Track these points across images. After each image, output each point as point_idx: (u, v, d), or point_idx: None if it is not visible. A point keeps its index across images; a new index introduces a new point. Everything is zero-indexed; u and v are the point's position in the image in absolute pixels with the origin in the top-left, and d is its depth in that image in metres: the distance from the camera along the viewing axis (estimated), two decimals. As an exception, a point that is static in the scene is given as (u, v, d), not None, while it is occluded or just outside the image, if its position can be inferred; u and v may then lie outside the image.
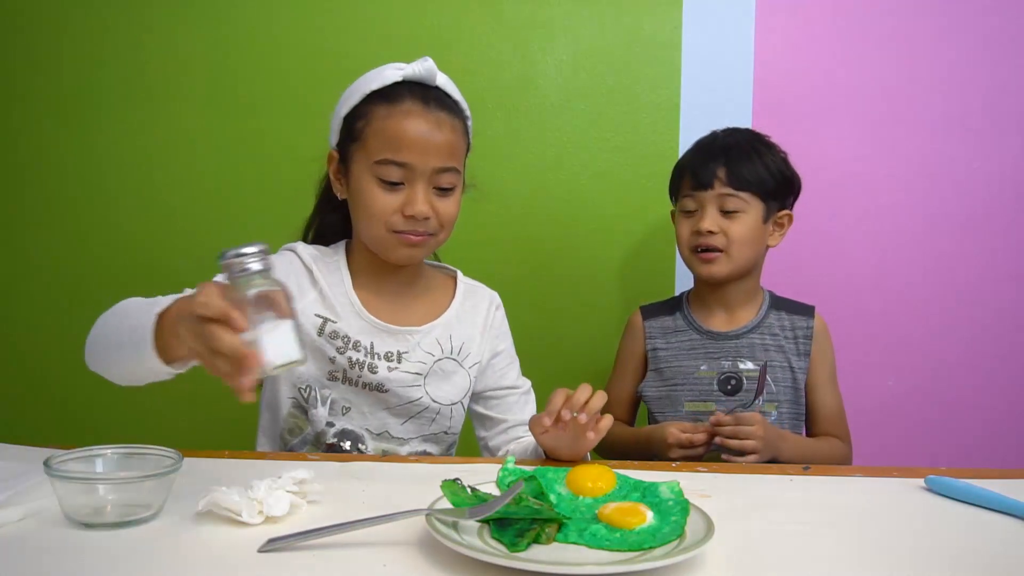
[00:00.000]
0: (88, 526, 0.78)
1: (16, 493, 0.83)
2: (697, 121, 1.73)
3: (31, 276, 1.83)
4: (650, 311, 1.56)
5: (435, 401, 1.22)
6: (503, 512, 0.77)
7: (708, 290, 1.51)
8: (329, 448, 1.18)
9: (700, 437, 1.30)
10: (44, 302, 1.83)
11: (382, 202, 1.15)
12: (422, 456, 1.21)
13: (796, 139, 1.51)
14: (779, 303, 1.52)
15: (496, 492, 0.85)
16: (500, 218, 1.76)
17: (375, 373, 1.18)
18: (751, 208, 1.43)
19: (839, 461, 1.43)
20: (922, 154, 1.75)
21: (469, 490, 0.83)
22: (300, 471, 0.86)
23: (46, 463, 0.79)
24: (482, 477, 0.90)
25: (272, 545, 0.73)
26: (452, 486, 0.83)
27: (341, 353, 1.18)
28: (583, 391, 1.01)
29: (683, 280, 1.76)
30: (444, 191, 1.17)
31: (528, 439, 1.22)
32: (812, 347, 1.48)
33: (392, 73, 1.17)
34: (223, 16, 1.76)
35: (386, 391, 1.19)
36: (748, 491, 0.96)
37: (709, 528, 0.75)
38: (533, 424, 1.05)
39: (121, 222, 1.81)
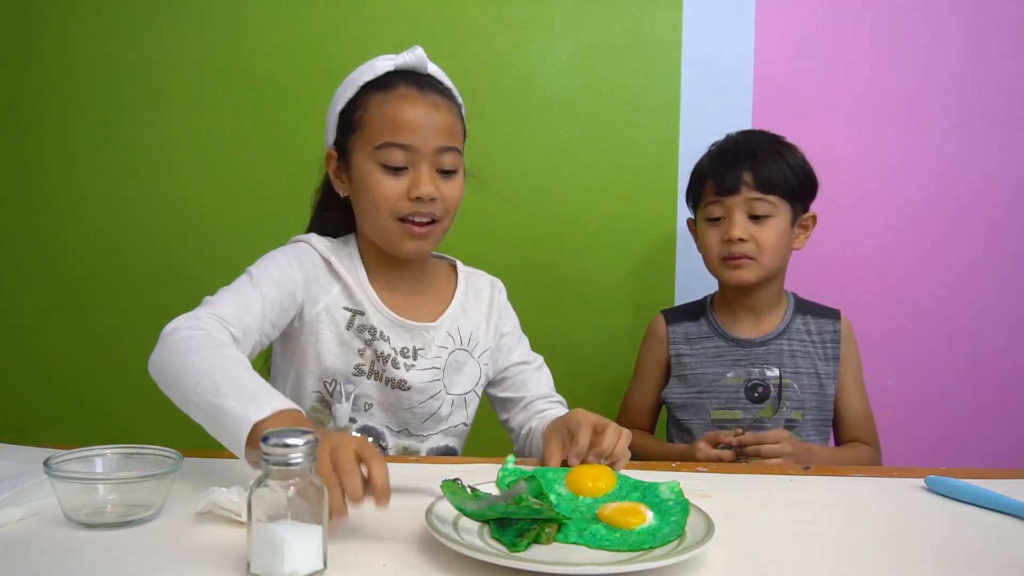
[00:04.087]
0: (88, 526, 0.78)
1: (16, 493, 0.83)
2: (697, 121, 1.73)
3: (34, 275, 1.83)
4: (673, 316, 1.52)
5: (451, 394, 1.22)
6: (503, 512, 0.78)
7: (734, 295, 1.47)
8: None
9: (728, 454, 1.27)
10: (47, 302, 1.83)
11: (387, 187, 1.13)
12: (438, 455, 1.22)
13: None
14: (804, 307, 1.49)
15: (496, 492, 0.85)
16: (498, 218, 1.76)
17: (397, 369, 1.18)
18: (779, 212, 1.39)
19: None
20: (922, 154, 1.75)
21: (469, 490, 0.83)
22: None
23: (46, 463, 0.79)
24: (482, 477, 0.90)
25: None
26: (452, 486, 0.83)
27: (369, 346, 1.17)
28: (610, 436, 0.98)
29: (683, 280, 1.76)
30: (447, 173, 1.16)
31: (551, 412, 1.22)
32: (841, 350, 1.45)
33: (384, 63, 1.17)
34: (230, 16, 1.76)
35: (408, 388, 1.19)
36: (748, 491, 0.96)
37: (709, 528, 0.75)
38: (552, 444, 1.02)
39: (127, 221, 1.81)
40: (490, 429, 1.35)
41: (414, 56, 1.17)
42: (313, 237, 1.22)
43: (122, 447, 0.86)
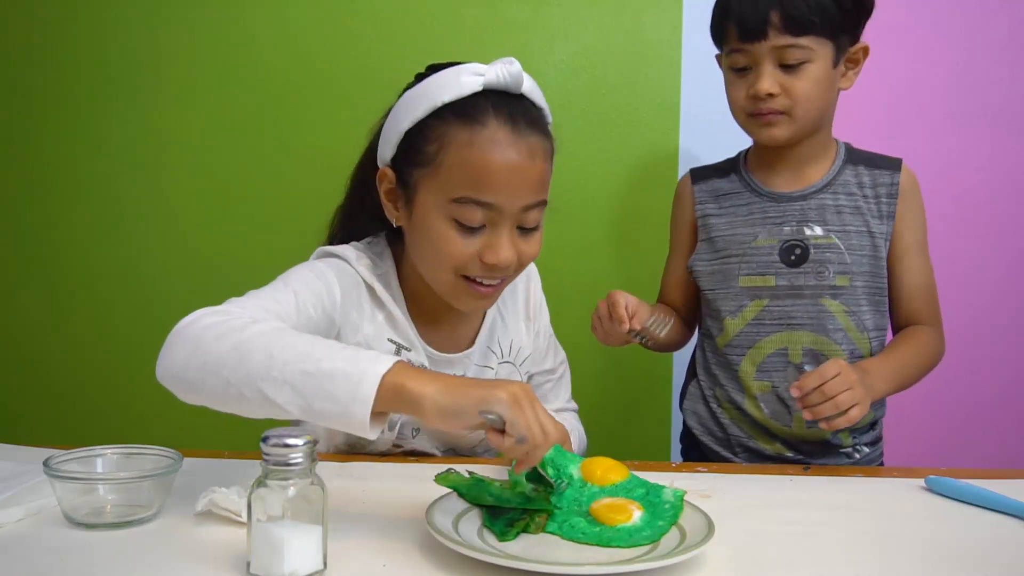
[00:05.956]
0: (88, 526, 0.79)
1: (16, 493, 0.83)
2: (697, 121, 1.73)
3: (33, 275, 1.83)
4: (701, 173, 1.34)
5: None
6: (497, 498, 0.80)
7: (770, 149, 1.26)
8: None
9: (619, 333, 1.14)
10: (46, 301, 1.83)
11: (458, 247, 0.96)
12: (422, 456, 1.21)
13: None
14: (856, 157, 1.28)
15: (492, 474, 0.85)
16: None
17: None
18: (818, 55, 1.16)
19: (932, 360, 1.26)
20: (920, 153, 1.74)
21: (467, 474, 0.84)
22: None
23: (46, 463, 0.79)
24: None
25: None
26: (446, 475, 0.83)
27: None
28: None
29: (683, 280, 1.76)
30: (528, 231, 1.00)
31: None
32: (897, 207, 1.23)
33: (470, 80, 0.96)
34: (232, 17, 1.76)
35: None
36: (748, 491, 0.96)
37: (709, 528, 0.75)
38: None
39: (128, 221, 1.80)
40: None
41: (508, 73, 0.97)
42: (351, 255, 1.05)
43: (122, 447, 0.86)
